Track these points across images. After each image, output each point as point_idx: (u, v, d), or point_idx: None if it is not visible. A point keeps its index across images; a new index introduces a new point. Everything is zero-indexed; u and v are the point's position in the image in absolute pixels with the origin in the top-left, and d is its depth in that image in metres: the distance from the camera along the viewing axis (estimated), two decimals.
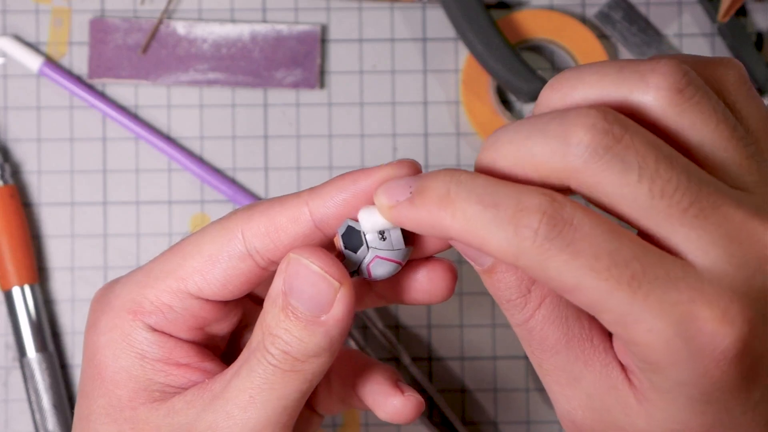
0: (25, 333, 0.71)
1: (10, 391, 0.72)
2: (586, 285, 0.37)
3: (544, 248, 0.37)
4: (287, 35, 0.73)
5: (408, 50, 0.73)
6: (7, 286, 0.71)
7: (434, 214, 0.39)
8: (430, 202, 0.39)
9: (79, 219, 0.73)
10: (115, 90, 0.73)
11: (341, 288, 0.42)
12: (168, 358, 0.45)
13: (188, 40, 0.73)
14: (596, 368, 0.40)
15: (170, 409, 0.44)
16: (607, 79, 0.39)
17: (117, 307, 0.45)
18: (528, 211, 0.37)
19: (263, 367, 0.42)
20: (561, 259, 0.37)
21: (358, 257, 0.43)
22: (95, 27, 0.73)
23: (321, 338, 0.42)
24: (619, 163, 0.37)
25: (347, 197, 0.43)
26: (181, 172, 0.73)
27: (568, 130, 0.38)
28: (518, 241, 0.37)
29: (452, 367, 0.72)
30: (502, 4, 0.74)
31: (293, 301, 0.42)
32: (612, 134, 0.37)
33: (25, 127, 0.73)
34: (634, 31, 0.73)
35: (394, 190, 0.41)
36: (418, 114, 0.73)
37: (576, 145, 0.37)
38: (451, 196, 0.39)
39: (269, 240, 0.43)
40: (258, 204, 0.44)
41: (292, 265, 0.42)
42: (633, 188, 0.37)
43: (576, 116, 0.38)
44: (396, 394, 0.47)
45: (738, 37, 0.72)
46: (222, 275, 0.44)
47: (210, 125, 0.73)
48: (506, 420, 0.72)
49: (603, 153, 0.37)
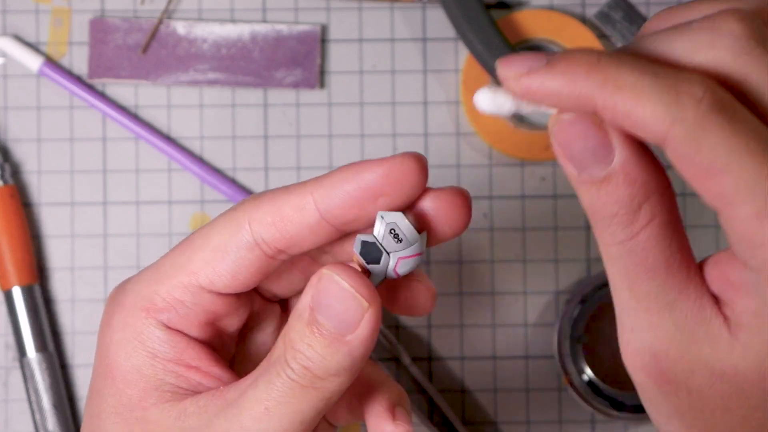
0: (25, 333, 0.71)
1: (10, 391, 0.72)
2: (739, 166, 0.35)
3: (706, 119, 0.35)
4: (287, 35, 0.73)
5: (408, 50, 0.73)
6: (7, 286, 0.71)
7: (580, 81, 0.37)
8: (578, 66, 0.37)
9: (79, 219, 0.73)
10: (115, 90, 0.73)
11: (369, 309, 0.41)
12: (179, 358, 0.44)
13: (188, 40, 0.73)
14: (690, 297, 0.39)
15: (182, 412, 0.44)
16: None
17: (129, 305, 0.45)
18: (690, 81, 0.36)
19: (282, 381, 0.42)
20: (723, 133, 0.35)
21: (382, 267, 0.43)
22: (95, 27, 0.73)
23: (343, 357, 0.42)
24: (766, 59, 0.36)
25: (350, 190, 0.42)
26: (181, 172, 0.73)
27: (717, 24, 0.37)
28: (679, 108, 0.35)
29: (452, 367, 0.72)
30: (502, 4, 0.74)
31: (320, 317, 0.42)
32: (760, 31, 0.37)
33: (25, 127, 0.73)
34: (634, 31, 0.73)
35: (524, 59, 0.38)
36: (418, 114, 0.73)
37: (728, 34, 0.36)
38: (603, 64, 0.36)
39: (275, 230, 0.43)
40: (265, 194, 0.44)
41: (323, 281, 0.42)
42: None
43: (723, 15, 0.37)
44: (388, 419, 0.46)
45: None
46: (231, 266, 0.44)
47: (210, 125, 0.73)
48: (506, 420, 0.72)
49: (754, 45, 0.36)
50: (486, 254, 0.73)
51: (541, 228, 0.72)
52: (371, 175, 0.42)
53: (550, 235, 0.73)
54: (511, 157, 0.73)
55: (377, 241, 0.43)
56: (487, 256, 0.73)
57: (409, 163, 0.42)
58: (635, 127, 0.36)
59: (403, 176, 0.42)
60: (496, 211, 0.73)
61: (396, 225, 0.42)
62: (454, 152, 0.73)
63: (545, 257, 0.73)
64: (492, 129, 0.73)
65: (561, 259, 0.73)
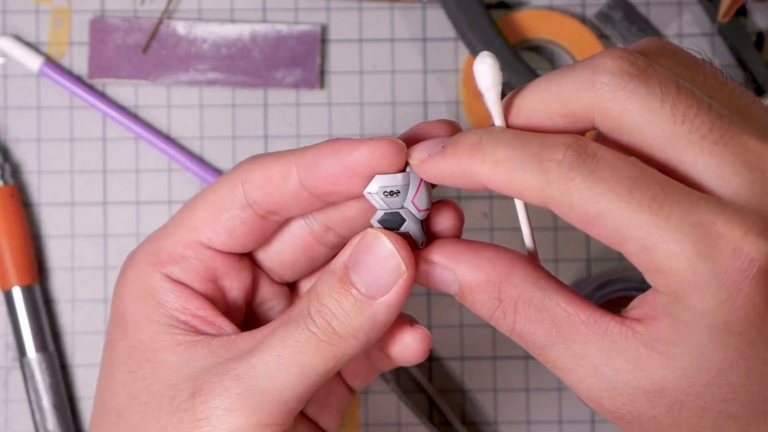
0: (25, 333, 0.71)
1: (10, 391, 0.72)
2: (609, 210, 0.38)
3: (568, 177, 0.38)
4: (287, 35, 0.73)
5: (408, 50, 0.73)
6: (7, 286, 0.71)
7: (465, 162, 0.41)
8: (462, 150, 0.41)
9: (79, 219, 0.73)
10: (115, 90, 0.73)
11: (405, 274, 0.43)
12: (184, 307, 0.46)
13: (188, 40, 0.73)
14: (594, 339, 0.41)
15: (193, 354, 0.45)
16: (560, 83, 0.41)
17: (138, 260, 0.47)
18: (553, 147, 0.39)
19: (300, 331, 0.43)
20: (584, 186, 0.38)
21: (410, 223, 0.44)
22: (95, 27, 0.73)
23: (366, 319, 0.43)
24: (643, 89, 0.39)
25: (329, 166, 0.44)
26: (181, 172, 0.73)
27: (596, 63, 0.40)
28: (543, 175, 0.39)
29: (452, 367, 0.72)
30: (502, 4, 0.74)
31: (354, 275, 0.43)
32: (637, 65, 0.39)
33: (25, 127, 0.73)
34: (634, 31, 0.73)
35: (427, 146, 0.43)
36: (418, 114, 0.73)
37: (603, 72, 0.39)
38: (482, 144, 0.40)
39: (264, 192, 0.45)
40: (259, 157, 0.46)
41: (368, 238, 0.44)
42: (656, 113, 0.38)
43: (602, 54, 0.40)
44: (406, 329, 0.47)
45: (738, 37, 0.72)
46: (227, 224, 0.46)
47: (210, 125, 0.73)
48: (506, 420, 0.72)
49: (629, 80, 0.39)
50: None
51: (541, 228, 0.72)
52: (348, 155, 0.44)
53: (550, 235, 0.73)
54: None
55: (386, 209, 0.44)
56: None
57: (386, 147, 0.43)
58: (518, 195, 0.40)
59: (380, 160, 0.43)
60: (496, 211, 0.73)
61: (383, 186, 0.44)
62: None
63: (545, 257, 0.73)
64: None
65: (561, 259, 0.73)
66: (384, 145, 0.43)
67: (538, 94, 0.41)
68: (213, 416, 0.43)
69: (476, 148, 0.41)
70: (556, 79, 0.41)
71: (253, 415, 0.43)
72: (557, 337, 0.41)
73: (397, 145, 0.43)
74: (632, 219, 0.37)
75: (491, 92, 0.42)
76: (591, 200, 0.38)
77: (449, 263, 0.43)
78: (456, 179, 0.42)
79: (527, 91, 0.42)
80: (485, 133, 0.41)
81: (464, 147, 0.41)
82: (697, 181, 0.39)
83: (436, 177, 0.42)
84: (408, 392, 0.72)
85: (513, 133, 0.41)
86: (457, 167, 0.41)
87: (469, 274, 0.43)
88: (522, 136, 0.40)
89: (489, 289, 0.42)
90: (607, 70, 0.39)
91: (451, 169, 0.41)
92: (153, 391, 0.45)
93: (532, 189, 0.39)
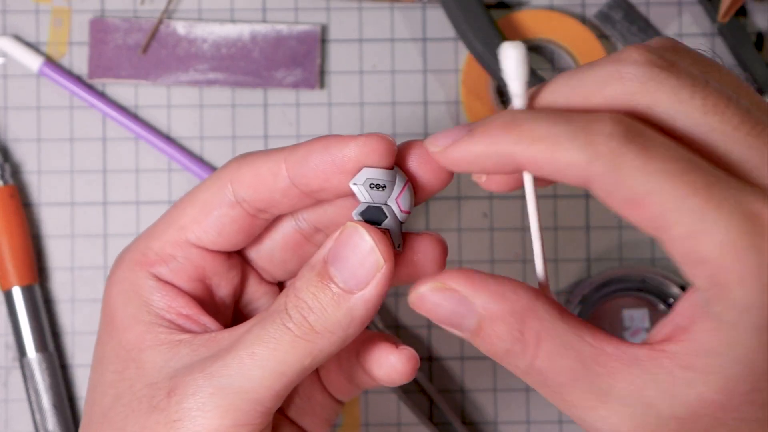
0: (25, 333, 0.71)
1: (10, 391, 0.72)
2: (659, 190, 0.36)
3: (619, 150, 0.36)
4: (287, 35, 0.73)
5: (408, 50, 0.73)
6: (7, 286, 0.71)
7: (499, 140, 0.38)
8: (495, 128, 0.38)
9: (79, 219, 0.73)
10: (115, 90, 0.73)
11: (383, 268, 0.42)
12: (170, 306, 0.46)
13: (188, 40, 0.73)
14: (622, 371, 0.38)
15: (175, 354, 0.45)
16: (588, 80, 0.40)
17: (127, 259, 0.47)
18: (600, 120, 0.37)
19: (275, 327, 0.43)
20: (638, 161, 0.36)
21: (390, 220, 0.44)
22: (95, 27, 0.73)
23: (344, 315, 0.43)
24: (673, 80, 0.38)
25: (318, 162, 0.44)
26: (181, 172, 0.73)
27: (620, 57, 0.38)
28: (592, 147, 0.36)
29: (452, 367, 0.72)
30: (502, 4, 0.74)
31: (332, 269, 0.43)
32: (664, 58, 0.38)
33: (25, 127, 0.73)
34: (634, 31, 0.73)
35: (448, 133, 0.41)
36: (418, 114, 0.73)
37: (632, 64, 0.38)
38: (517, 121, 0.38)
39: (253, 190, 0.45)
40: (248, 155, 0.46)
41: (347, 232, 0.43)
42: (687, 105, 0.37)
43: (626, 49, 0.39)
44: (391, 350, 0.47)
45: (738, 37, 0.72)
46: (216, 222, 0.46)
47: (210, 125, 0.73)
48: (506, 420, 0.72)
49: (659, 71, 0.38)
50: (486, 254, 0.73)
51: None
52: (339, 151, 0.43)
53: (550, 235, 0.73)
54: None
55: (369, 203, 0.44)
56: (486, 256, 0.73)
57: (376, 143, 0.43)
58: (558, 174, 0.38)
59: (369, 155, 0.43)
60: (496, 211, 0.73)
61: (370, 179, 0.43)
62: None
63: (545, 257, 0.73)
64: None
65: (561, 259, 0.73)
66: (374, 141, 0.43)
67: (558, 90, 0.40)
68: (186, 417, 0.43)
69: (511, 125, 0.38)
70: (577, 75, 0.39)
71: (227, 415, 0.42)
72: (581, 374, 0.39)
73: (387, 141, 0.43)
74: (684, 203, 0.36)
75: (517, 81, 0.40)
76: (641, 178, 0.36)
77: (471, 291, 0.40)
78: (486, 162, 0.39)
79: (548, 87, 0.40)
80: (517, 112, 0.39)
81: (497, 125, 0.39)
82: (733, 171, 0.37)
83: (463, 161, 0.40)
84: (408, 392, 0.72)
85: (549, 111, 0.39)
86: (488, 147, 0.39)
87: (492, 303, 0.40)
88: (560, 113, 0.38)
89: (512, 320, 0.39)
90: (634, 61, 0.38)
91: (481, 150, 0.39)
92: (135, 391, 0.44)
93: (577, 164, 0.37)
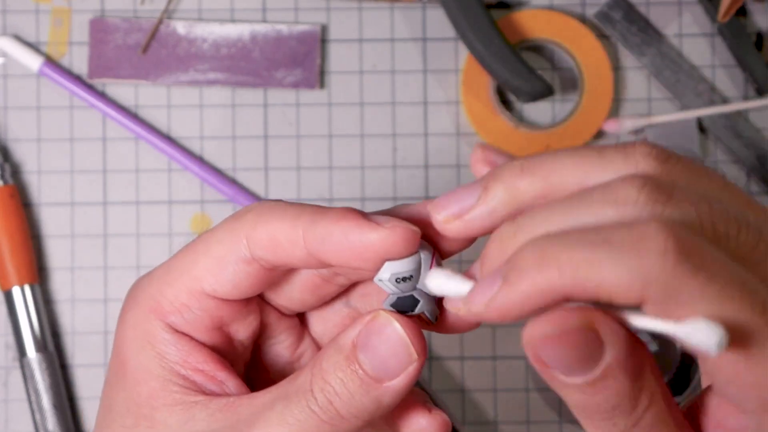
0: (25, 333, 0.71)
1: (10, 391, 0.72)
2: (721, 314, 0.34)
3: (677, 271, 0.33)
4: (287, 35, 0.73)
5: (408, 50, 0.73)
6: (7, 286, 0.71)
7: (538, 280, 0.35)
8: (528, 269, 0.35)
9: (79, 219, 0.73)
10: (115, 90, 0.73)
11: (416, 362, 0.41)
12: (185, 360, 0.44)
13: (188, 40, 0.73)
14: None
15: (191, 417, 0.43)
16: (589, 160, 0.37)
17: (141, 303, 0.45)
18: (649, 237, 0.34)
19: (300, 409, 0.41)
20: (696, 284, 0.33)
21: (422, 304, 0.42)
22: (95, 27, 0.73)
23: (371, 401, 0.41)
24: (677, 215, 0.35)
25: (337, 244, 0.41)
26: (181, 172, 0.73)
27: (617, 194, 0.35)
28: (645, 269, 0.33)
29: (452, 367, 0.72)
30: (502, 4, 0.74)
31: (362, 355, 0.41)
32: (662, 189, 0.35)
33: (25, 127, 0.73)
34: (634, 31, 0.73)
35: (483, 287, 0.37)
36: (418, 114, 0.73)
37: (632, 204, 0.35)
38: (548, 252, 0.35)
39: (270, 253, 0.43)
40: (264, 212, 0.43)
41: (379, 322, 0.41)
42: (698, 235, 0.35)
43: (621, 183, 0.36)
44: (423, 413, 0.45)
45: (738, 37, 0.72)
46: (232, 276, 0.44)
47: (210, 125, 0.73)
48: (506, 420, 0.72)
49: (661, 209, 0.35)
50: None
51: None
52: (358, 239, 0.41)
53: None
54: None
55: (399, 294, 0.42)
56: None
57: (398, 237, 0.41)
58: (609, 299, 0.34)
59: (392, 249, 0.41)
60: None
61: (395, 274, 0.41)
62: (454, 152, 0.73)
63: None
64: (492, 129, 0.73)
65: None
66: (398, 234, 0.41)
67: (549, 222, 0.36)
68: None
69: (544, 260, 0.35)
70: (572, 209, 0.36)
71: None
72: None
73: (410, 232, 0.41)
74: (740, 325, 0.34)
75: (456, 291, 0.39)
76: (704, 301, 0.33)
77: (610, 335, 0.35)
78: (533, 306, 0.35)
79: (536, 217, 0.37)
80: (545, 241, 0.35)
81: (529, 265, 0.35)
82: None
83: (509, 314, 0.36)
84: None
85: (582, 232, 0.35)
86: (529, 292, 0.35)
87: (624, 353, 0.35)
88: (597, 231, 0.34)
89: (636, 375, 0.36)
90: (635, 202, 0.35)
91: (523, 298, 0.35)
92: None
93: (632, 290, 0.34)
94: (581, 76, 0.73)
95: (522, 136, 0.72)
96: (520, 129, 0.72)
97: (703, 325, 0.33)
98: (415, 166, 0.73)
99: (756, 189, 0.73)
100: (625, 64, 0.74)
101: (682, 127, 0.73)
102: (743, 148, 0.73)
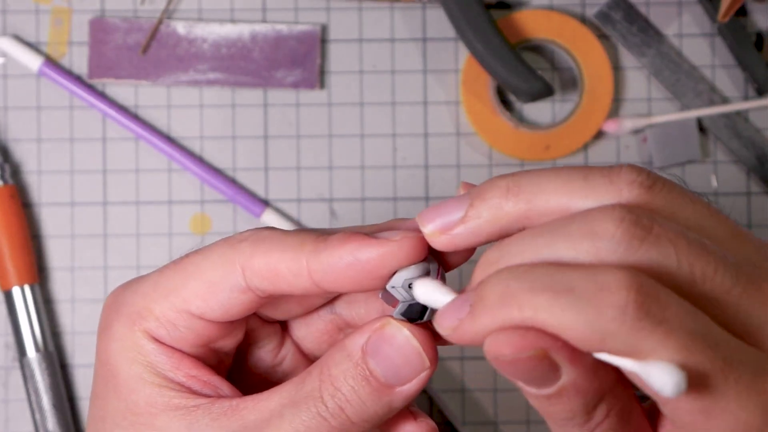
0: (25, 333, 0.71)
1: (10, 391, 0.72)
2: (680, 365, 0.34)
3: (636, 328, 0.34)
4: (287, 35, 0.73)
5: (408, 50, 0.73)
6: (7, 286, 0.71)
7: (499, 317, 0.36)
8: (491, 304, 0.36)
9: (79, 219, 0.73)
10: (115, 90, 0.73)
11: (428, 369, 0.41)
12: (177, 368, 0.44)
13: (188, 40, 0.73)
14: None
15: (194, 421, 0.43)
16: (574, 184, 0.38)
17: (126, 316, 0.44)
18: (610, 289, 0.34)
19: (310, 416, 0.41)
20: (655, 339, 0.34)
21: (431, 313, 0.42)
22: (95, 27, 0.73)
23: (382, 407, 0.42)
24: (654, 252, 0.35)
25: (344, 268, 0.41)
26: (181, 172, 0.73)
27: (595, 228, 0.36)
28: (604, 324, 0.34)
29: (452, 367, 0.72)
30: (502, 4, 0.74)
31: (372, 362, 0.41)
32: (641, 225, 0.36)
33: (25, 127, 0.73)
34: (634, 31, 0.73)
35: (452, 311, 0.38)
36: (418, 114, 0.73)
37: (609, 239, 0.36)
38: (512, 290, 0.36)
39: (269, 283, 0.42)
40: (260, 242, 0.43)
41: (389, 330, 0.41)
42: (674, 277, 0.36)
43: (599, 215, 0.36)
44: (409, 420, 0.45)
45: (738, 37, 0.72)
46: (223, 303, 0.43)
47: (210, 125, 0.73)
48: (506, 420, 0.72)
49: (638, 246, 0.35)
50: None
51: None
52: (367, 256, 0.41)
53: None
54: (511, 157, 0.73)
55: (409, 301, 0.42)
56: None
57: (409, 247, 0.41)
58: (574, 343, 0.35)
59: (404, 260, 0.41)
60: None
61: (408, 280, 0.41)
62: (454, 152, 0.73)
63: None
64: (492, 129, 0.73)
65: None
66: (409, 242, 0.40)
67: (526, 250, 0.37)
68: None
69: (506, 297, 0.36)
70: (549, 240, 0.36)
71: None
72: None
73: (419, 239, 0.41)
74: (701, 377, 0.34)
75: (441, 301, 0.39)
76: (660, 352, 0.34)
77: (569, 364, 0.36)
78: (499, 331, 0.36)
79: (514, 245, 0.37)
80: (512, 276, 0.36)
81: (492, 299, 0.36)
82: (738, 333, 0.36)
83: (475, 343, 0.37)
84: None
85: (547, 272, 0.36)
86: (491, 324, 0.36)
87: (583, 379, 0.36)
88: (562, 274, 0.35)
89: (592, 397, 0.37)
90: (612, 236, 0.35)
91: (486, 329, 0.36)
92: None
93: (590, 340, 0.34)
94: (581, 76, 0.73)
95: (522, 136, 0.72)
96: (520, 129, 0.72)
97: (663, 366, 0.34)
98: (415, 166, 0.73)
99: (756, 189, 0.73)
100: (625, 64, 0.74)
101: (682, 127, 0.73)
102: (743, 148, 0.73)
